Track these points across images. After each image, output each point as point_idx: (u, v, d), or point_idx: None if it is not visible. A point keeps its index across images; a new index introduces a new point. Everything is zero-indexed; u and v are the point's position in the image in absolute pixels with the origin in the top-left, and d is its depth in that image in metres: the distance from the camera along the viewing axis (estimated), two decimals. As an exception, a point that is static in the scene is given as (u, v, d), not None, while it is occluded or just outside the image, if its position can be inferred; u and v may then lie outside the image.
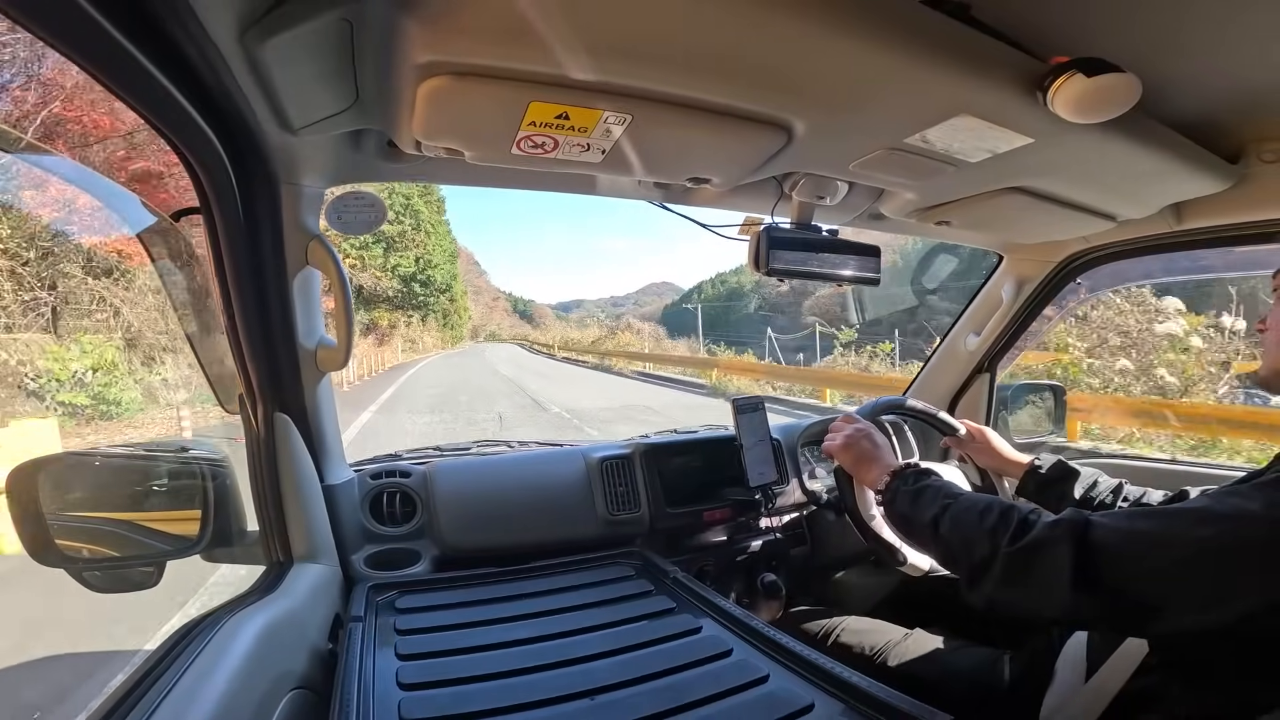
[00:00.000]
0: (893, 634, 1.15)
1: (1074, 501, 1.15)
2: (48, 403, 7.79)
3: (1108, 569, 0.68)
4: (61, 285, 8.60)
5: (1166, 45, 0.76)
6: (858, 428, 1.13)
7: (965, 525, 0.81)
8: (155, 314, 8.93)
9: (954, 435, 1.36)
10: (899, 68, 0.69)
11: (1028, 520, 0.75)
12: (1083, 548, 0.69)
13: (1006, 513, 0.77)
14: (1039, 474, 1.21)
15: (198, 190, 0.85)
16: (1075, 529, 0.71)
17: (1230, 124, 0.96)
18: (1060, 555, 0.69)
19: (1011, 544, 0.74)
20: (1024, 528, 0.75)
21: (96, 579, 0.96)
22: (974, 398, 1.81)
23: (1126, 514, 0.72)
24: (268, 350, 1.01)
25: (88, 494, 0.95)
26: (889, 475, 1.00)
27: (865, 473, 1.08)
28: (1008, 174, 1.03)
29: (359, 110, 0.80)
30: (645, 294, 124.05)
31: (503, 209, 78.39)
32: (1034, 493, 1.22)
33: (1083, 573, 0.68)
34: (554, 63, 0.68)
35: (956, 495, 0.87)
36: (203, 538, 1.00)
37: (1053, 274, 1.60)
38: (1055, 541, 0.71)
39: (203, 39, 0.62)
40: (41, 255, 8.17)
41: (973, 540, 0.79)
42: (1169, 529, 0.67)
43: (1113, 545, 0.68)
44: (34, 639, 2.79)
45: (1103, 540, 0.69)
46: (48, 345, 8.16)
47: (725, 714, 0.71)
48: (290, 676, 0.75)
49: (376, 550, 1.20)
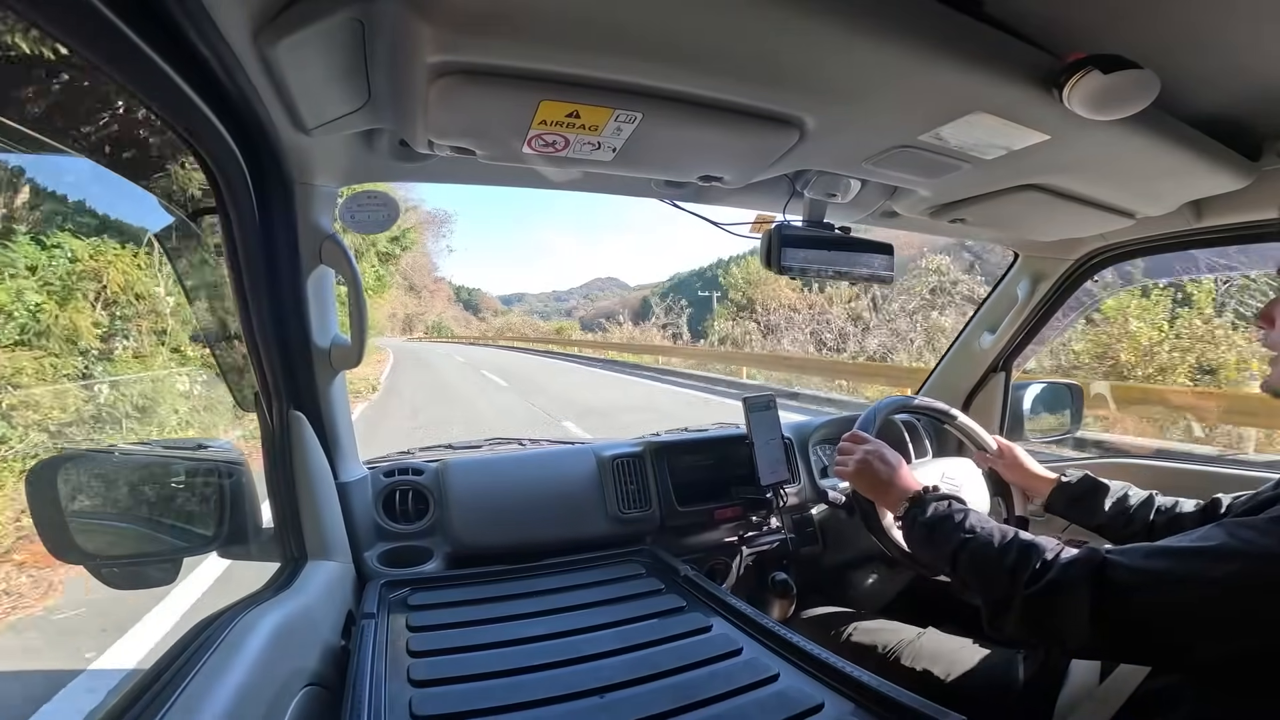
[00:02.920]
0: (905, 633, 1.15)
1: (1105, 516, 1.13)
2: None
3: (1126, 610, 0.68)
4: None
5: (1185, 41, 0.75)
6: (868, 450, 1.10)
7: (985, 563, 0.81)
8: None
9: (986, 451, 1.35)
10: (912, 64, 0.68)
11: (1046, 560, 0.75)
12: (1100, 589, 0.69)
13: (1026, 551, 0.77)
14: (1068, 489, 1.19)
15: (214, 190, 0.86)
16: (1092, 569, 0.71)
17: (1249, 120, 0.94)
18: (1079, 597, 0.70)
19: (1030, 585, 0.74)
20: (1044, 568, 0.75)
21: (114, 576, 0.97)
22: (989, 397, 1.79)
23: (1144, 551, 0.71)
24: (283, 349, 1.02)
25: (106, 491, 0.96)
26: (907, 500, 0.98)
27: (881, 498, 1.06)
28: (1024, 171, 1.02)
29: (371, 110, 0.81)
30: (592, 288, 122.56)
31: (437, 190, 63.65)
32: (1064, 509, 1.20)
33: (1101, 613, 0.69)
34: (565, 61, 0.68)
35: (975, 530, 0.85)
36: (219, 535, 1.01)
37: (1070, 271, 1.58)
38: (1073, 583, 0.71)
39: (217, 40, 0.63)
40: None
41: (992, 580, 0.79)
42: (1188, 569, 0.66)
43: (1131, 586, 0.69)
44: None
45: (1121, 581, 0.69)
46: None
47: (735, 713, 0.71)
48: (303, 673, 0.76)
49: (389, 548, 1.21)
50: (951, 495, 0.95)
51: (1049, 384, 1.87)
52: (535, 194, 19.00)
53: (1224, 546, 0.66)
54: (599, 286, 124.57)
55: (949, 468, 1.34)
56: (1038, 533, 1.36)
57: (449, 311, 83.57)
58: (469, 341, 50.88)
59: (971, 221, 1.29)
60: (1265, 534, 0.64)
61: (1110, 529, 1.14)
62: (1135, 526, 1.10)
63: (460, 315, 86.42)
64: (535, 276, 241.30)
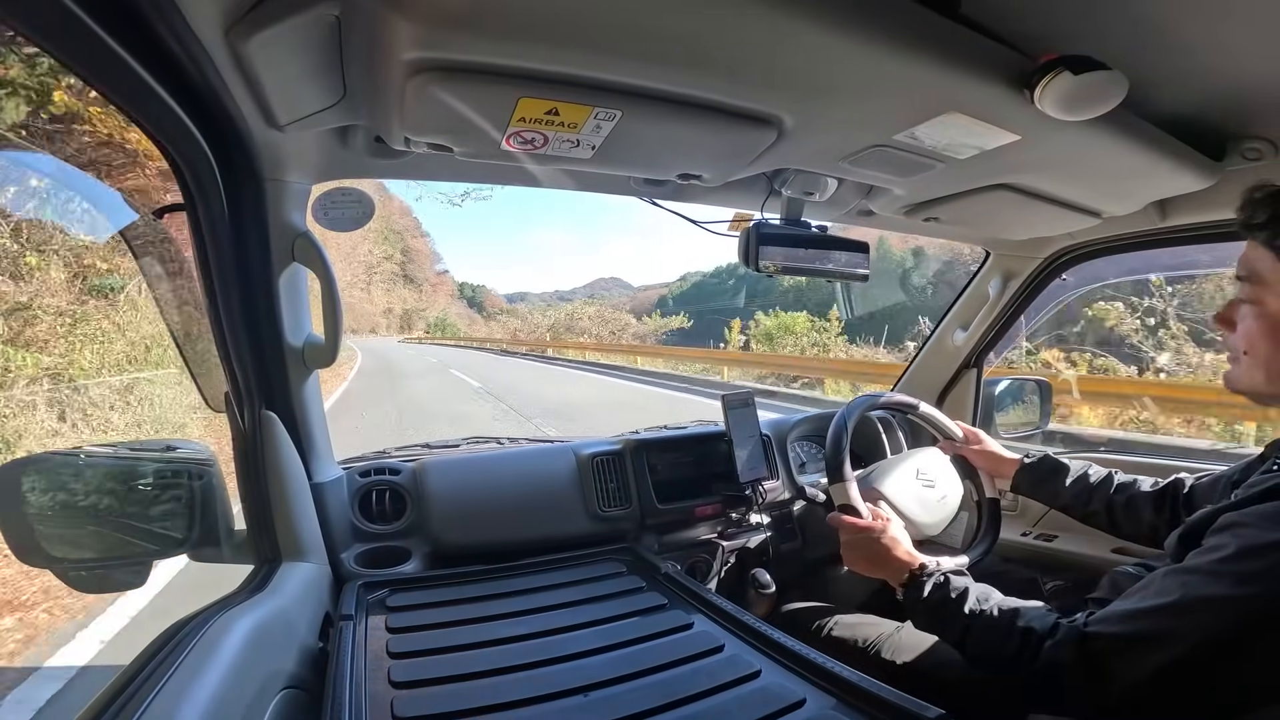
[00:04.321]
0: (884, 627, 1.16)
1: (1067, 495, 1.18)
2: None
3: (1116, 678, 0.72)
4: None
5: (1153, 42, 0.77)
6: (859, 535, 1.08)
7: (989, 648, 0.85)
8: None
9: (953, 439, 1.39)
10: (890, 63, 0.69)
11: (1034, 644, 0.79)
12: (1087, 662, 0.74)
13: (1026, 635, 0.80)
14: (1031, 469, 1.24)
15: (181, 187, 0.84)
16: (1074, 644, 0.75)
17: (1215, 122, 0.97)
18: (1073, 672, 0.74)
19: (1030, 666, 0.78)
20: (1036, 651, 0.78)
21: (82, 580, 0.95)
22: (961, 393, 1.83)
23: (1118, 616, 0.74)
24: (254, 348, 1.00)
25: (72, 493, 0.94)
26: (907, 574, 0.98)
27: (880, 573, 1.05)
28: (995, 171, 1.04)
29: (346, 106, 0.79)
30: (596, 288, 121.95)
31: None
32: (1029, 489, 1.25)
33: (1097, 680, 0.73)
34: (544, 58, 0.67)
35: (976, 613, 0.87)
36: (189, 537, 0.99)
37: (1038, 270, 1.61)
38: (1063, 664, 0.75)
39: (187, 35, 0.62)
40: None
41: (999, 663, 0.83)
42: (1161, 629, 0.70)
43: (1114, 653, 0.73)
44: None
45: (1103, 650, 0.73)
46: None
47: (717, 709, 0.71)
48: (281, 676, 0.75)
49: (366, 548, 1.19)
50: (947, 571, 0.96)
51: (1018, 380, 1.91)
52: (531, 194, 15.72)
53: (1188, 600, 0.69)
54: (603, 286, 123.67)
55: (922, 461, 1.36)
56: (1009, 518, 1.39)
57: (453, 308, 76.78)
58: (481, 346, 36.03)
59: (945, 220, 1.32)
60: (1217, 580, 0.68)
61: (1073, 508, 1.19)
62: (1096, 504, 1.15)
63: (464, 313, 80.00)
64: (536, 276, 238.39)
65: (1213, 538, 0.72)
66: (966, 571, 0.97)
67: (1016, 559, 1.53)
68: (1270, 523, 0.67)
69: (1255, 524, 0.68)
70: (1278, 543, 0.65)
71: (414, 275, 68.09)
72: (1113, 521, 1.13)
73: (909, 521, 1.24)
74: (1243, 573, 0.66)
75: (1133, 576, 0.97)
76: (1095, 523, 1.17)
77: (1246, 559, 0.67)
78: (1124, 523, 1.12)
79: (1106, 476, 1.16)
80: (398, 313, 58.66)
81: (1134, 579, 0.95)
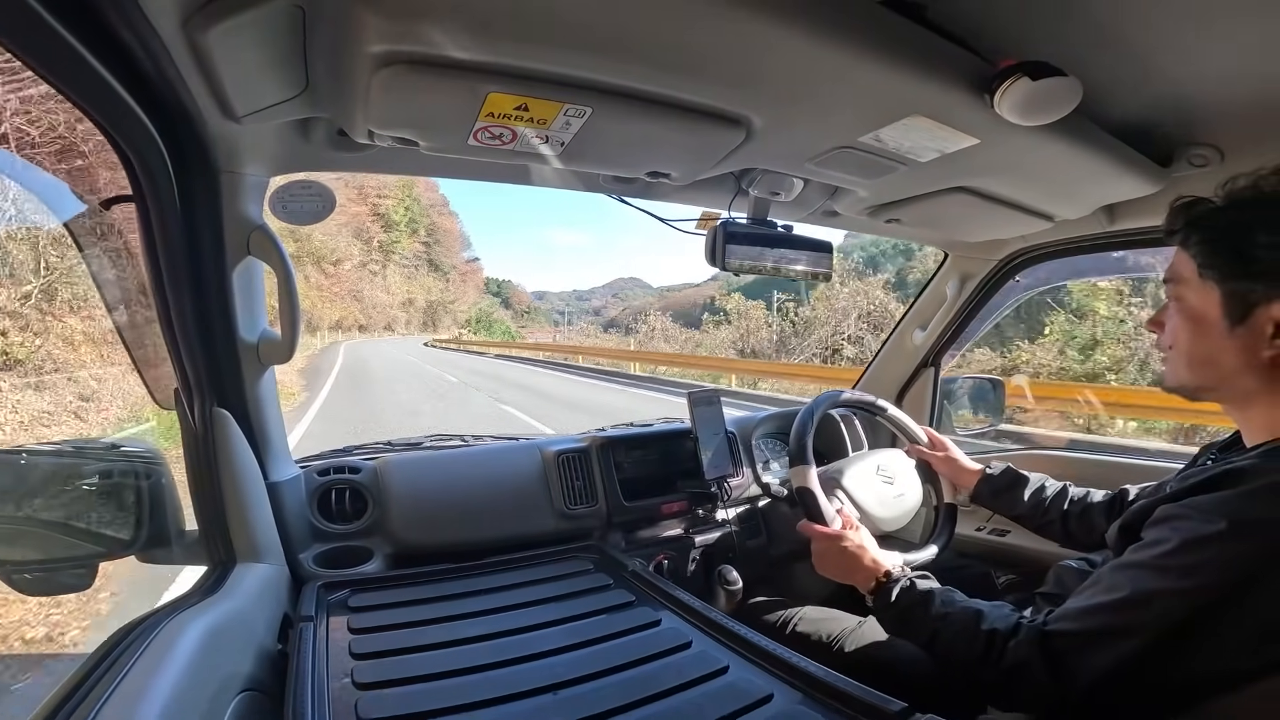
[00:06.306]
0: (847, 622, 1.19)
1: (1025, 506, 1.22)
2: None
3: (1079, 673, 0.74)
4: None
5: (1110, 48, 0.79)
6: (830, 544, 1.09)
7: (956, 651, 0.86)
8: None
9: (917, 443, 1.42)
10: (856, 66, 0.70)
11: (998, 645, 0.80)
12: (1050, 659, 0.75)
13: (990, 638, 0.82)
14: (992, 481, 1.28)
15: (130, 177, 0.81)
16: (1035, 644, 0.77)
17: (1164, 128, 1.00)
18: (1036, 671, 0.76)
19: (995, 667, 0.80)
20: (1004, 650, 0.80)
21: (26, 582, 0.91)
22: (919, 391, 1.87)
23: (1075, 614, 0.77)
24: (205, 343, 0.96)
25: (14, 493, 0.89)
26: (874, 581, 1.00)
27: (850, 580, 1.06)
28: (954, 174, 1.07)
29: (309, 98, 0.77)
30: (614, 288, 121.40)
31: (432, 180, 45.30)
32: (989, 499, 1.29)
33: (1059, 678, 0.75)
34: (514, 53, 0.67)
35: (944, 616, 0.89)
36: (137, 538, 0.95)
37: (994, 272, 1.66)
38: (1027, 663, 0.77)
39: (140, 22, 0.59)
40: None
41: (967, 666, 0.84)
42: (1115, 624, 0.73)
43: (1074, 650, 0.75)
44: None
45: (1064, 648, 0.75)
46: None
47: (687, 705, 0.72)
48: (239, 678, 0.73)
49: (326, 548, 1.16)
50: (914, 575, 0.97)
51: (974, 379, 1.96)
52: (542, 193, 14.30)
53: (1137, 595, 0.72)
54: (623, 286, 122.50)
55: (883, 460, 1.39)
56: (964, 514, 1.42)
57: (483, 303, 66.78)
58: (567, 362, 21.03)
59: (906, 222, 1.35)
60: (1160, 575, 0.71)
61: (1030, 519, 1.23)
62: (1051, 515, 1.19)
63: (490, 307, 71.31)
64: (554, 275, 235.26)
65: (1151, 530, 0.75)
66: (930, 574, 0.99)
67: (972, 554, 1.57)
68: (1208, 515, 0.70)
69: (1194, 516, 0.71)
70: (1218, 534, 0.68)
71: (440, 261, 55.91)
72: (1067, 532, 1.18)
73: (865, 514, 1.26)
74: (1186, 566, 0.69)
75: (1076, 570, 1.01)
76: (1050, 534, 1.21)
77: (1188, 552, 0.69)
78: (1077, 532, 1.16)
79: (1062, 489, 1.21)
80: (420, 305, 48.57)
81: (1077, 573, 0.99)
